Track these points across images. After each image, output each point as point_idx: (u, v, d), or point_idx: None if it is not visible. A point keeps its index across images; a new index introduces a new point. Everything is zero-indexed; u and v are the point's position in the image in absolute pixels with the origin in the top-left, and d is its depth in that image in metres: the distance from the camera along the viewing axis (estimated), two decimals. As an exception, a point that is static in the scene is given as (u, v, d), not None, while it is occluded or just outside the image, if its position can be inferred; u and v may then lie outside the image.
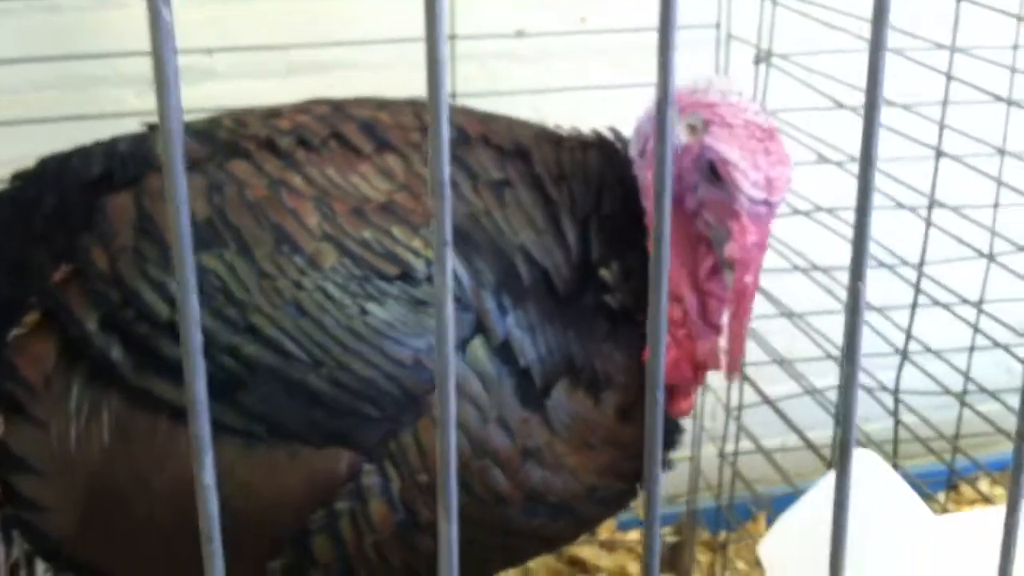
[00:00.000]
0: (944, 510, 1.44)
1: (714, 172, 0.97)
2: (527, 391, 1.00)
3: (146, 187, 1.07)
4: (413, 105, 1.14)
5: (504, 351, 1.00)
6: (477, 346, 1.00)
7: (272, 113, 1.13)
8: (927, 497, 1.24)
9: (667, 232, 0.43)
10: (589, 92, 1.44)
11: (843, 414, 0.44)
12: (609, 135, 1.10)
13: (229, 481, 0.98)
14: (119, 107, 1.41)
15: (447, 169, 0.38)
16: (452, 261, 0.94)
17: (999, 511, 0.77)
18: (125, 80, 1.48)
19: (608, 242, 1.04)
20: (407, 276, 0.99)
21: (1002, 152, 1.22)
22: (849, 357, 0.44)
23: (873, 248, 1.26)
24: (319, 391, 0.98)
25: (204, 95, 1.43)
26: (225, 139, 1.09)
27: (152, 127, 1.17)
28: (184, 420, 0.97)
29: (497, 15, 1.50)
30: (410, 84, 1.41)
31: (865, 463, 0.67)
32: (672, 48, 0.40)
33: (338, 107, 1.14)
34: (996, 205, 1.26)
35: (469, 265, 1.02)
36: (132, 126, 1.17)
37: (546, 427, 1.00)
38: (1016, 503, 0.42)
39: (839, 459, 0.46)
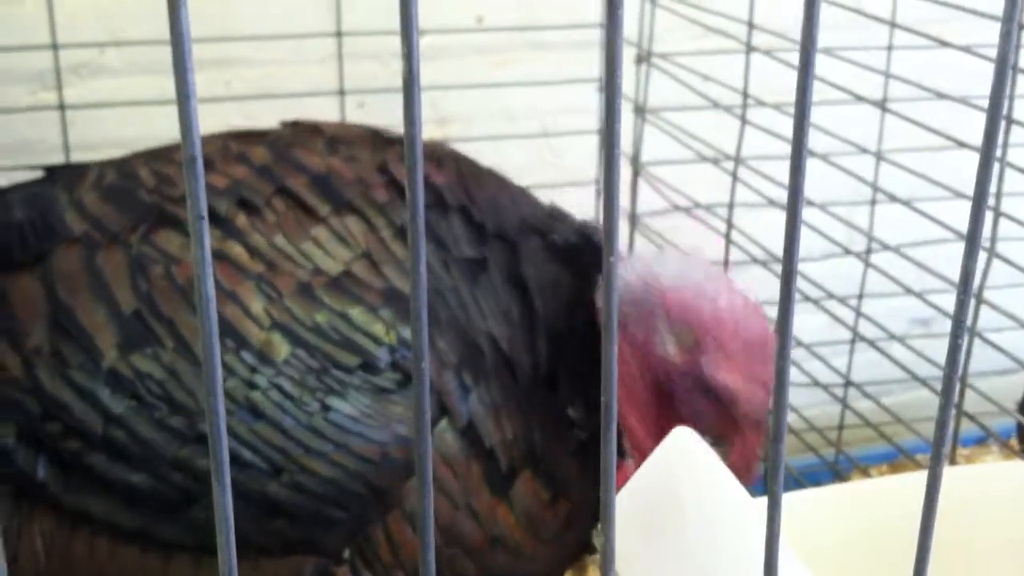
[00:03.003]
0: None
1: (711, 391, 0.94)
2: (494, 475, 0.94)
3: (56, 268, 0.92)
4: (371, 143, 1.03)
5: (470, 433, 0.93)
6: (444, 429, 0.92)
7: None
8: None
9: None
10: (486, 90, 1.45)
11: (604, 382, 0.45)
12: (594, 236, 1.02)
13: None
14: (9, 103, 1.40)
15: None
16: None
17: (810, 494, 0.80)
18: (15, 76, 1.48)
19: (572, 376, 0.97)
20: (368, 365, 0.90)
21: (878, 157, 1.24)
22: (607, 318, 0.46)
23: (748, 246, 1.29)
24: (280, 500, 0.88)
25: (97, 90, 1.43)
26: (148, 202, 0.94)
27: (52, 171, 1.02)
28: (124, 537, 0.88)
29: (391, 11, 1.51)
30: (308, 80, 1.43)
31: (682, 440, 0.69)
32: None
33: (279, 151, 1.00)
34: (873, 202, 1.30)
35: (431, 345, 0.93)
36: (23, 125, 1.12)
37: (511, 513, 0.95)
38: (776, 499, 0.44)
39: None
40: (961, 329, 0.42)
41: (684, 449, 0.68)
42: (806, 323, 1.36)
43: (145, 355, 0.87)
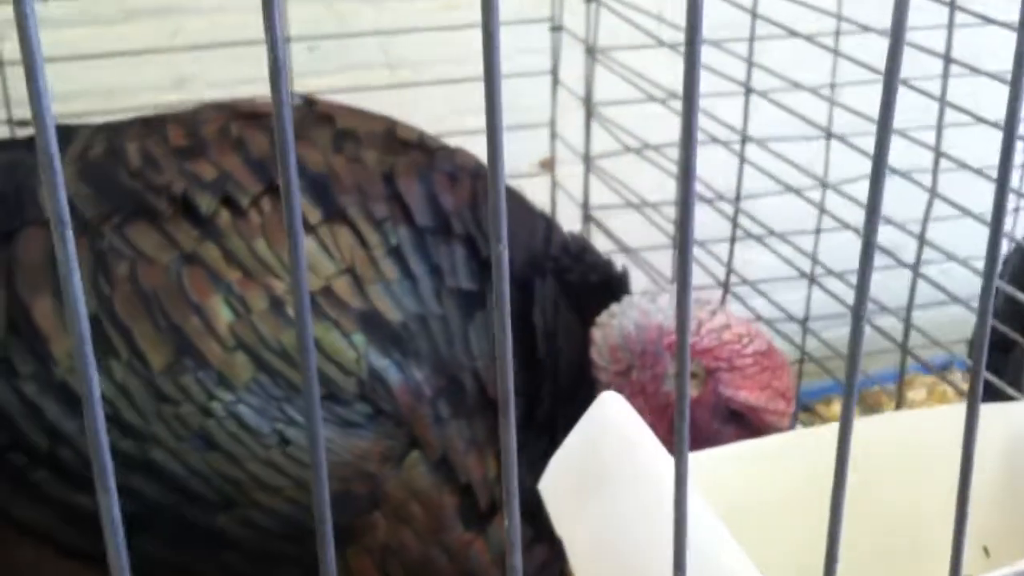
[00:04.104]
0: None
1: (735, 413, 0.93)
2: (470, 511, 0.90)
3: (18, 255, 0.86)
4: (383, 143, 0.96)
5: (444, 466, 0.88)
6: (415, 462, 0.87)
7: (192, 146, 0.92)
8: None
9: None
10: (436, 33, 1.44)
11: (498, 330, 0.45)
12: (613, 273, 0.99)
13: None
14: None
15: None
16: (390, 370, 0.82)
17: (726, 451, 0.79)
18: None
19: (572, 424, 0.89)
20: (333, 397, 0.84)
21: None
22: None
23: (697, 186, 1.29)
24: (229, 533, 0.83)
25: (43, 43, 1.40)
26: (128, 187, 0.88)
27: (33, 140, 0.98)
28: (69, 553, 0.84)
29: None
30: (255, 28, 1.41)
31: (608, 406, 0.69)
32: None
33: None
34: (829, 136, 1.29)
35: (405, 376, 0.87)
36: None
37: (488, 552, 0.91)
38: (683, 435, 0.44)
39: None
40: (868, 265, 0.42)
41: (610, 414, 0.68)
42: (762, 260, 1.36)
43: (97, 369, 0.81)
